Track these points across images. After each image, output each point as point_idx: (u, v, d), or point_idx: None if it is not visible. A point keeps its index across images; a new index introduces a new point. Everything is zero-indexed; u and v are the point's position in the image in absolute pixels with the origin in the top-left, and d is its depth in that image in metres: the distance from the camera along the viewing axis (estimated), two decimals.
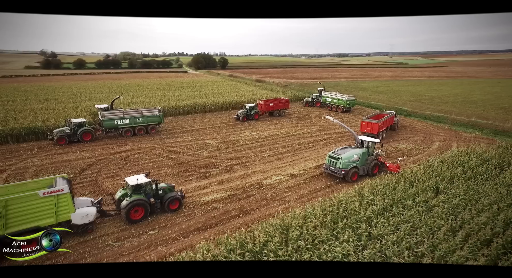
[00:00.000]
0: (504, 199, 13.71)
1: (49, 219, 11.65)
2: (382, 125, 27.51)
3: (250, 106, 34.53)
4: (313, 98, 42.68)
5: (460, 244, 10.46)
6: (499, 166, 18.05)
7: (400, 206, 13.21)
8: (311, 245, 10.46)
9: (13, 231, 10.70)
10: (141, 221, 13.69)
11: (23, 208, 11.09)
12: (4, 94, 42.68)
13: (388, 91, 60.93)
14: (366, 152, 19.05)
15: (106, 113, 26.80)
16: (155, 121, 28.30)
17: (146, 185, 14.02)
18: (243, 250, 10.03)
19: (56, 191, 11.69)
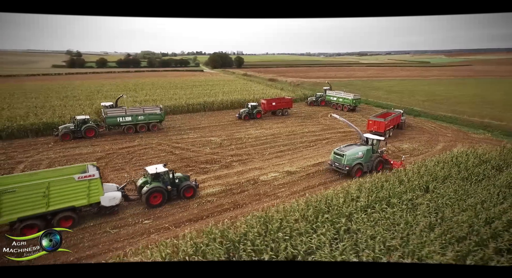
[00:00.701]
0: (491, 198, 13.65)
1: (82, 200, 13.25)
2: (388, 123, 27.69)
3: (252, 105, 34.86)
4: (317, 98, 42.77)
5: (435, 240, 10.66)
6: (498, 167, 17.78)
7: (384, 203, 13.46)
8: (288, 237, 11.00)
9: (54, 208, 12.55)
10: (159, 206, 15.10)
11: (61, 189, 12.76)
12: (29, 92, 45.57)
13: (402, 91, 59.80)
14: (370, 149, 19.46)
15: (109, 111, 27.90)
16: (157, 119, 29.22)
17: (164, 174, 15.44)
18: (223, 238, 10.72)
19: (88, 176, 13.29)
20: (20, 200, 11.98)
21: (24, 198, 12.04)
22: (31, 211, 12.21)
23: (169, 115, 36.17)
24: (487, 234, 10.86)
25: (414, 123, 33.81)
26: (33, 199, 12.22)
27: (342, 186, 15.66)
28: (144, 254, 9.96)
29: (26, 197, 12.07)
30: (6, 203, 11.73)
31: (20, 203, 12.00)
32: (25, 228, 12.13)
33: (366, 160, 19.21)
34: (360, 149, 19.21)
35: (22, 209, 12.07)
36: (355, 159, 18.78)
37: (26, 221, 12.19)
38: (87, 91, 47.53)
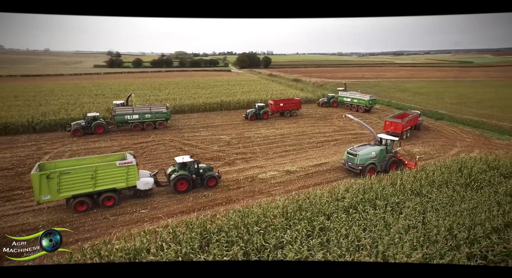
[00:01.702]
0: (485, 205, 13.13)
1: (121, 183, 15.32)
2: (406, 124, 27.41)
3: (259, 106, 35.11)
4: (329, 99, 42.32)
5: (407, 241, 10.63)
6: (507, 175, 16.84)
7: (367, 204, 13.49)
8: (263, 231, 11.53)
9: (99, 189, 14.74)
10: (185, 192, 16.81)
11: (105, 173, 14.87)
12: (66, 90, 49.82)
13: (431, 93, 56.94)
14: (384, 149, 19.59)
15: (117, 108, 29.52)
16: (163, 117, 30.41)
17: (190, 164, 17.21)
18: (200, 228, 11.52)
19: (127, 163, 15.32)
20: (74, 180, 14.26)
21: (77, 179, 14.31)
22: (82, 189, 14.46)
23: (186, 113, 37.96)
24: (463, 239, 10.62)
25: (433, 127, 32.39)
26: (84, 180, 14.45)
27: (332, 185, 15.80)
28: (127, 239, 11.01)
29: (78, 178, 14.33)
30: (63, 182, 14.03)
31: (74, 183, 14.28)
32: (77, 204, 14.53)
33: (380, 160, 19.34)
34: (374, 149, 19.38)
35: (75, 188, 14.35)
36: (368, 159, 18.98)
37: (78, 198, 14.50)
38: (116, 89, 50.92)
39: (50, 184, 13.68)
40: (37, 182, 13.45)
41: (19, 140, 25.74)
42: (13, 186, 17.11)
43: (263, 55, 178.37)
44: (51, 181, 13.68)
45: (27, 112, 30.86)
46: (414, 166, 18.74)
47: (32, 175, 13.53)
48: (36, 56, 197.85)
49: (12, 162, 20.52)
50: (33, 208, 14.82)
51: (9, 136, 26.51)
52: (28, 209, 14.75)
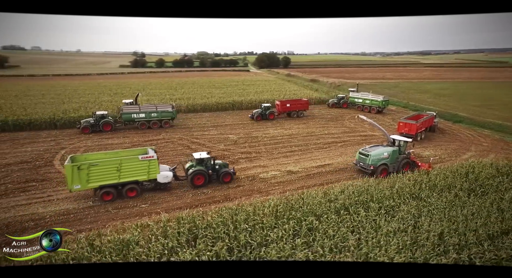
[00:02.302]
0: (483, 211, 12.64)
1: (143, 176, 16.41)
2: (420, 126, 26.87)
3: (265, 106, 34.99)
4: (339, 99, 41.70)
5: (393, 245, 10.50)
6: None
7: (360, 206, 13.38)
8: (251, 229, 11.78)
9: (123, 180, 15.89)
10: (202, 186, 17.63)
11: (129, 166, 15.99)
12: (89, 89, 52.37)
13: (454, 94, 54.60)
14: (397, 151, 19.51)
15: (124, 107, 30.43)
16: (169, 116, 31.09)
17: (207, 160, 18.06)
18: (190, 224, 11.94)
19: (149, 157, 16.42)
20: (101, 172, 15.44)
21: (104, 170, 15.49)
22: (108, 180, 15.65)
23: (198, 112, 38.83)
24: (453, 245, 10.41)
25: (449, 130, 31.17)
26: (110, 172, 15.62)
27: (328, 186, 15.76)
28: (119, 232, 11.61)
29: (105, 170, 15.52)
30: (92, 173, 15.25)
31: (101, 174, 15.46)
32: (104, 194, 15.71)
33: (392, 161, 19.25)
34: (386, 150, 19.34)
35: (102, 179, 15.54)
36: (380, 159, 18.95)
37: (104, 188, 15.66)
38: (135, 89, 52.80)
39: (80, 175, 15.03)
40: (70, 172, 14.85)
41: (40, 135, 27.50)
42: (29, 178, 18.40)
43: (283, 55, 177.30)
44: (81, 172, 15.02)
45: (50, 110, 32.86)
46: (429, 168, 18.47)
47: (66, 166, 14.94)
48: (68, 56, 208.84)
49: (32, 156, 22.02)
50: (43, 199, 15.92)
51: (32, 132, 28.40)
52: (39, 200, 15.85)
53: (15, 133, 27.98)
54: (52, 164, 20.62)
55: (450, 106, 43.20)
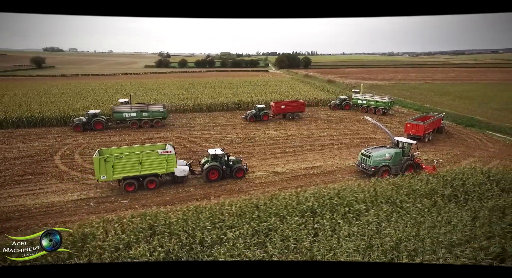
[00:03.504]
0: (455, 219, 12.03)
1: (162, 169, 17.59)
2: (428, 127, 26.51)
3: (259, 107, 34.63)
4: (341, 101, 40.71)
5: (344, 248, 10.39)
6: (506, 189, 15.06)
7: (327, 209, 13.18)
8: (210, 227, 11.97)
9: (144, 173, 17.16)
10: (216, 181, 18.66)
11: (149, 159, 17.27)
12: (105, 88, 54.79)
13: (477, 97, 51.47)
14: (400, 152, 19.35)
15: (116, 106, 31.19)
16: (160, 116, 31.54)
17: (221, 156, 19.02)
18: (152, 221, 12.32)
19: (167, 152, 17.66)
20: (124, 164, 16.83)
21: (127, 163, 16.88)
22: (131, 172, 17.04)
23: (204, 112, 39.57)
24: (408, 251, 10.15)
25: (458, 134, 29.59)
26: (132, 164, 16.98)
27: (297, 190, 15.64)
28: (85, 225, 12.09)
29: (128, 163, 16.90)
30: (117, 165, 16.68)
31: (124, 166, 16.85)
32: (127, 185, 17.14)
33: (395, 163, 19.09)
34: (389, 151, 19.27)
35: (126, 171, 16.93)
36: (381, 161, 18.89)
37: (127, 179, 17.05)
38: (148, 88, 54.72)
39: (107, 167, 16.42)
40: (97, 164, 16.27)
41: (50, 131, 29.32)
42: (28, 171, 19.76)
43: (303, 56, 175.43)
44: (107, 164, 16.42)
45: (63, 108, 34.88)
46: (433, 171, 18.13)
47: (94, 158, 16.44)
48: (100, 57, 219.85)
49: (36, 151, 23.61)
50: (34, 191, 17.05)
51: (43, 128, 30.33)
52: (30, 192, 16.98)
53: (28, 129, 30.07)
54: (52, 159, 21.97)
55: (468, 109, 40.84)
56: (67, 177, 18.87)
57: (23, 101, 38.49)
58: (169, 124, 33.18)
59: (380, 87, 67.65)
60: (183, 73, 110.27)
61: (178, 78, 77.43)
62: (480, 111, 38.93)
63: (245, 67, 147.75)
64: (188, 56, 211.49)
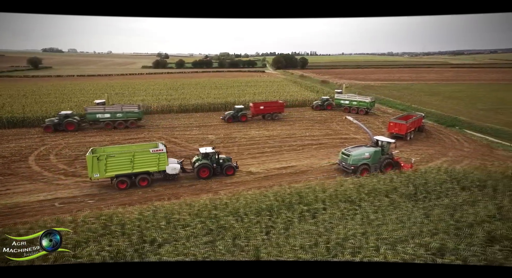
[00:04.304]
0: (407, 217, 12.20)
1: (153, 167, 18.12)
2: (410, 126, 27.31)
3: (238, 108, 34.59)
4: (323, 101, 40.77)
5: (289, 246, 10.55)
6: (466, 187, 15.14)
7: (285, 208, 13.28)
8: (164, 226, 12.03)
9: (136, 171, 17.67)
10: (207, 179, 19.08)
11: (141, 158, 17.80)
12: (95, 89, 54.63)
13: (465, 97, 51.53)
14: (379, 151, 19.80)
15: (88, 107, 31.05)
16: (134, 117, 31.41)
17: (212, 154, 19.53)
18: (109, 220, 12.38)
19: (159, 150, 18.10)
20: (117, 162, 17.31)
21: (119, 161, 17.38)
22: (123, 170, 17.51)
23: (190, 112, 39.65)
24: (353, 248, 10.33)
25: (437, 134, 29.73)
26: (125, 163, 17.46)
27: (266, 188, 15.70)
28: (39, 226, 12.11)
29: (120, 161, 17.40)
30: (109, 164, 17.18)
31: (117, 165, 17.32)
32: (119, 182, 17.54)
33: (374, 161, 19.52)
34: (368, 150, 19.68)
35: (118, 169, 17.41)
36: (361, 159, 19.30)
37: (120, 177, 17.48)
38: (137, 89, 54.75)
39: (99, 165, 16.93)
40: (90, 162, 16.80)
41: (30, 132, 29.40)
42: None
43: (300, 56, 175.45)
44: (100, 162, 16.93)
45: (46, 108, 34.85)
46: (411, 168, 18.59)
47: (87, 157, 16.96)
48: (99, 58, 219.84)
49: (12, 151, 23.68)
50: (0, 192, 17.07)
51: (24, 129, 30.42)
52: None
53: (7, 130, 30.15)
54: (26, 160, 22.03)
55: (454, 109, 40.93)
56: (38, 178, 18.94)
57: (7, 102, 38.59)
58: (152, 125, 33.28)
59: (371, 87, 67.77)
60: (179, 73, 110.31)
61: (171, 79, 77.48)
62: (465, 112, 38.99)
63: (242, 68, 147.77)
64: (188, 57, 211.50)
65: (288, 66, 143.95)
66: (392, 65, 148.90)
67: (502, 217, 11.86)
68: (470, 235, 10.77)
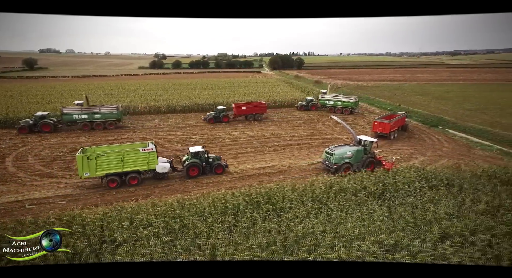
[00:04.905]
0: (368, 215, 12.35)
1: (143, 166, 18.41)
2: (393, 125, 27.89)
3: (219, 109, 34.61)
4: (307, 102, 40.92)
5: (243, 244, 10.69)
6: (434, 186, 15.29)
7: (252, 207, 13.35)
8: (126, 226, 12.07)
9: (126, 170, 17.94)
10: (196, 177, 19.37)
11: (131, 157, 18.07)
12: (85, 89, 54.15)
13: (455, 98, 51.69)
14: (361, 150, 20.13)
15: (65, 108, 30.84)
16: (113, 118, 31.16)
17: (201, 153, 19.82)
18: (71, 221, 12.42)
19: (148, 150, 18.43)
20: (107, 162, 17.61)
21: (109, 161, 17.66)
22: (113, 169, 17.80)
23: (177, 113, 39.65)
24: (307, 246, 10.50)
25: (419, 133, 29.95)
26: (115, 162, 17.76)
27: (232, 190, 15.81)
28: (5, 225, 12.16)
29: (110, 160, 17.69)
30: (99, 163, 17.47)
31: (107, 164, 17.62)
32: (109, 181, 17.86)
33: (356, 160, 19.85)
34: (350, 149, 20.03)
35: (108, 168, 17.71)
36: (343, 158, 19.66)
37: (110, 176, 17.80)
38: (128, 90, 54.64)
39: (90, 164, 17.22)
40: (80, 161, 17.12)
41: (12, 133, 29.22)
42: None
43: (296, 57, 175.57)
44: (90, 161, 17.23)
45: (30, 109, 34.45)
46: (392, 167, 18.94)
47: (77, 156, 17.27)
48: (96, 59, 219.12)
49: None
50: None
51: (6, 130, 30.13)
52: None
53: None
54: (3, 161, 21.98)
55: (440, 109, 41.10)
56: (12, 179, 18.92)
57: None
58: (138, 126, 33.28)
59: (364, 88, 67.91)
60: (174, 74, 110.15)
61: (164, 80, 77.48)
62: (452, 112, 39.17)
63: (238, 69, 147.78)
64: (186, 58, 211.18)
65: (285, 67, 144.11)
66: (388, 66, 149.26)
67: (460, 214, 11.96)
68: (425, 232, 10.88)
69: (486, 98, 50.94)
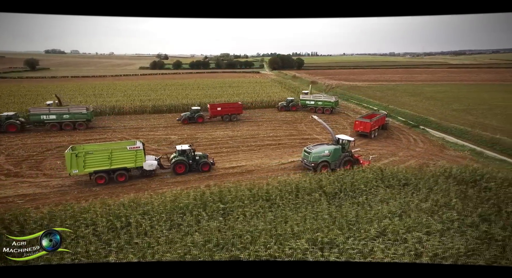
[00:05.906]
0: (313, 215, 12.28)
1: (131, 164, 18.95)
2: (374, 124, 28.29)
3: (194, 109, 34.48)
4: (288, 102, 40.87)
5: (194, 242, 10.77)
6: (390, 185, 15.18)
7: (201, 208, 13.39)
8: (68, 225, 12.16)
9: (114, 167, 18.49)
10: (183, 174, 19.96)
11: (119, 155, 18.63)
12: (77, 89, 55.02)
13: (444, 98, 51.23)
14: (339, 149, 20.49)
15: (32, 108, 30.75)
16: (83, 118, 31.06)
17: (188, 151, 20.35)
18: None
19: (136, 148, 18.99)
20: (95, 159, 18.15)
21: (97, 158, 18.21)
22: (101, 167, 18.35)
23: (163, 113, 39.77)
24: (244, 243, 10.61)
25: (398, 133, 29.82)
26: (103, 159, 18.29)
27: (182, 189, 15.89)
28: None
29: (99, 158, 18.23)
30: (88, 160, 18.02)
31: (95, 161, 18.17)
32: (97, 178, 18.41)
33: (334, 159, 20.22)
34: (328, 148, 20.41)
35: (96, 165, 18.27)
36: (321, 157, 20.03)
37: (98, 173, 18.34)
38: (120, 90, 54.94)
39: (78, 161, 17.75)
40: (69, 159, 17.64)
41: None
42: None
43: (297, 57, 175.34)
44: (78, 158, 17.77)
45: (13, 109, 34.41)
46: (368, 164, 19.51)
47: (66, 154, 17.74)
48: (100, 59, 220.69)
49: None
50: None
51: None
52: None
53: None
54: None
55: (428, 110, 40.77)
56: None
57: None
58: (119, 126, 33.43)
59: (357, 88, 67.55)
60: (173, 74, 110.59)
61: (160, 80, 77.87)
62: (438, 112, 38.81)
63: (238, 69, 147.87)
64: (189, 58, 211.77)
65: (285, 67, 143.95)
66: (389, 66, 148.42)
67: (403, 213, 11.84)
68: (361, 230, 10.80)
69: (477, 98, 50.39)
